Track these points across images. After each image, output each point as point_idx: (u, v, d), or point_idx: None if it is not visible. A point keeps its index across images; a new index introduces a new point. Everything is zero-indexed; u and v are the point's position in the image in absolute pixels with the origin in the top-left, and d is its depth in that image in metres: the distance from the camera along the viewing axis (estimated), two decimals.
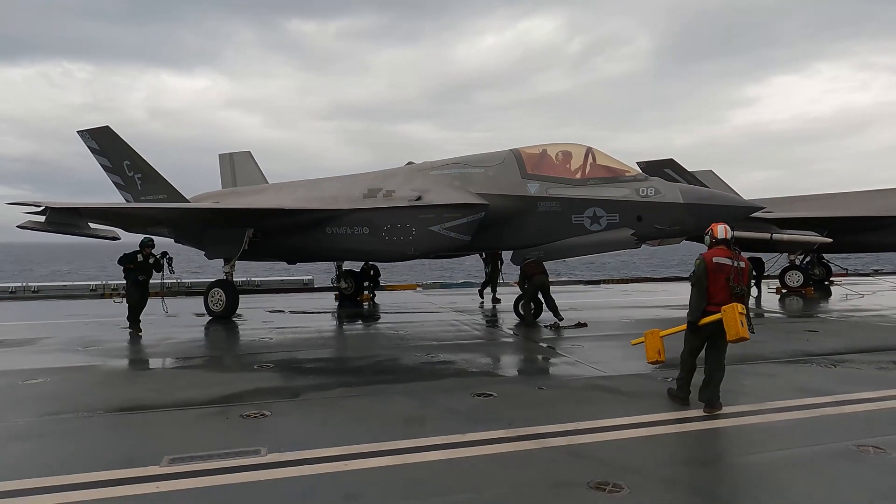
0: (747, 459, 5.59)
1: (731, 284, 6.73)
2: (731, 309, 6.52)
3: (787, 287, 21.88)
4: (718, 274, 6.79)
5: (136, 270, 13.21)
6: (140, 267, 13.23)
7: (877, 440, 5.85)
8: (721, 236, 7.04)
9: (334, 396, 7.79)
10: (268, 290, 24.73)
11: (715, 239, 7.06)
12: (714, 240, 7.06)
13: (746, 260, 7.04)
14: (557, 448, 5.76)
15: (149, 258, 13.37)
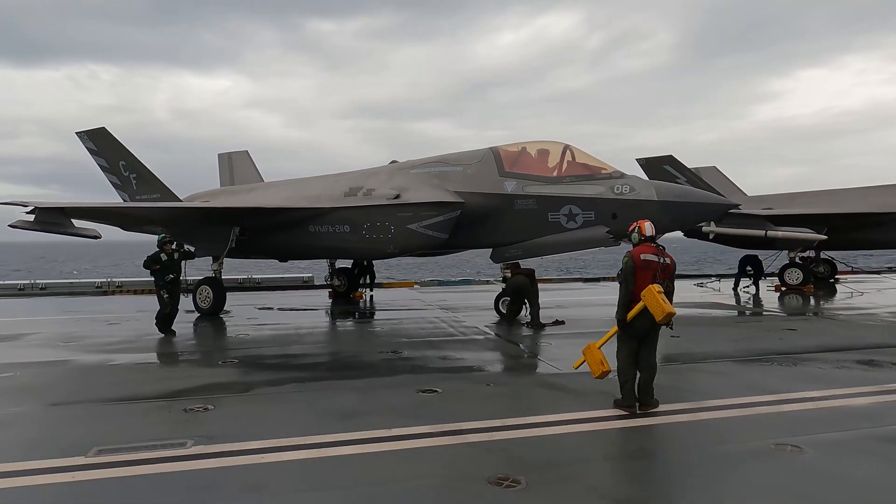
0: (659, 457, 5.64)
1: (657, 281, 6.75)
2: (649, 292, 6.55)
3: (786, 285, 21.59)
4: (646, 271, 6.80)
5: (164, 271, 12.62)
6: (166, 266, 12.65)
7: (798, 439, 5.83)
8: (648, 234, 7.05)
9: (283, 391, 7.98)
10: (268, 287, 25.15)
11: (643, 236, 7.07)
12: (641, 237, 7.07)
13: (672, 257, 7.03)
14: (476, 444, 5.86)
15: (173, 255, 12.80)
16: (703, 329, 13.14)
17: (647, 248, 6.95)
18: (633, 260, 6.86)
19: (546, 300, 17.98)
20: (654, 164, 25.56)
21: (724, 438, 5.99)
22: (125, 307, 17.69)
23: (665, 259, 6.88)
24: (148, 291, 22.72)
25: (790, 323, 13.76)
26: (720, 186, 27.58)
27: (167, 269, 12.63)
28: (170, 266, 12.69)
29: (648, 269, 6.80)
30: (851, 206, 21.53)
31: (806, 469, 5.19)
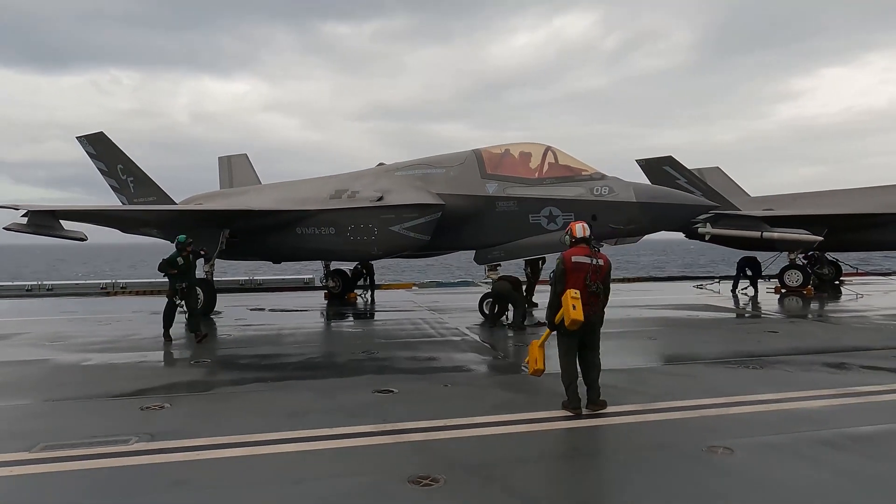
0: (588, 459, 5.68)
1: (588, 282, 6.75)
2: (565, 296, 6.62)
3: (786, 287, 21.29)
4: (577, 273, 6.81)
5: (179, 275, 12.08)
6: (182, 270, 12.12)
7: (733, 441, 5.82)
8: (580, 235, 7.05)
9: (242, 391, 8.14)
10: (268, 288, 25.44)
11: (574, 238, 7.08)
12: (573, 239, 7.08)
13: (606, 258, 7.02)
14: (412, 443, 5.94)
15: (189, 258, 12.28)
16: (683, 331, 13.07)
17: (578, 250, 6.96)
18: (563, 262, 6.88)
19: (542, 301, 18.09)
20: (653, 165, 25.38)
21: (661, 441, 6.00)
22: (122, 308, 18.04)
23: (598, 260, 6.88)
24: (150, 292, 23.24)
25: (775, 325, 13.61)
26: (723, 187, 27.32)
27: (183, 274, 12.17)
28: (186, 270, 12.24)
29: (579, 270, 6.80)
30: (853, 206, 21.17)
31: (726, 471, 5.19)
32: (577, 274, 6.83)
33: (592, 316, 6.82)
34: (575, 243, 7.07)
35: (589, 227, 7.18)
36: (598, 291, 6.80)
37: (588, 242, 7.07)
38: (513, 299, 13.76)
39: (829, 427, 6.30)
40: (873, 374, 8.62)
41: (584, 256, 6.90)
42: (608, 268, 6.99)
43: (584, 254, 6.93)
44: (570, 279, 6.85)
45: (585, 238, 7.06)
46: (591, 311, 6.80)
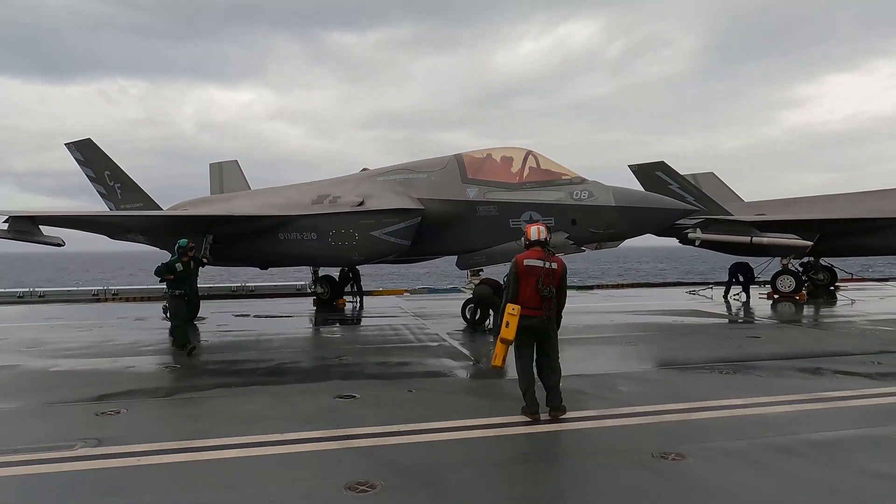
0: (535, 465, 5.53)
1: (540, 286, 6.63)
2: (506, 310, 6.62)
3: (778, 292, 21.09)
4: (529, 276, 6.70)
5: (177, 282, 11.35)
6: (181, 276, 11.38)
7: (686, 447, 5.69)
8: (534, 238, 6.95)
9: (203, 396, 8.04)
10: (260, 295, 25.37)
11: (528, 241, 6.98)
12: (528, 241, 6.98)
13: (561, 261, 6.89)
14: (358, 449, 5.83)
15: (189, 264, 11.58)
16: (664, 337, 12.90)
17: (532, 253, 6.85)
18: (515, 266, 6.78)
19: None
20: (645, 171, 25.26)
21: (614, 447, 5.87)
22: (108, 314, 17.97)
23: (551, 264, 6.75)
24: (141, 299, 23.21)
25: (760, 331, 13.45)
26: (717, 192, 27.18)
27: (181, 281, 11.43)
28: (184, 277, 11.51)
29: (532, 274, 6.70)
30: (844, 211, 20.97)
31: (671, 478, 5.06)
32: (529, 278, 6.72)
33: (546, 321, 6.70)
34: (529, 246, 6.97)
35: (546, 229, 7.07)
36: (550, 295, 6.66)
37: (543, 245, 6.96)
38: (493, 304, 13.62)
39: (789, 433, 6.15)
40: (846, 379, 8.47)
41: (537, 260, 6.79)
42: (562, 271, 6.86)
43: (536, 257, 6.82)
44: (522, 283, 6.76)
45: (540, 241, 6.95)
46: (545, 316, 6.69)
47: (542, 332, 6.75)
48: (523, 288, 6.75)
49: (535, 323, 6.72)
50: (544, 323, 6.70)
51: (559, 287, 6.84)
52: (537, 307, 6.70)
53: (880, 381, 8.28)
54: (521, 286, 6.77)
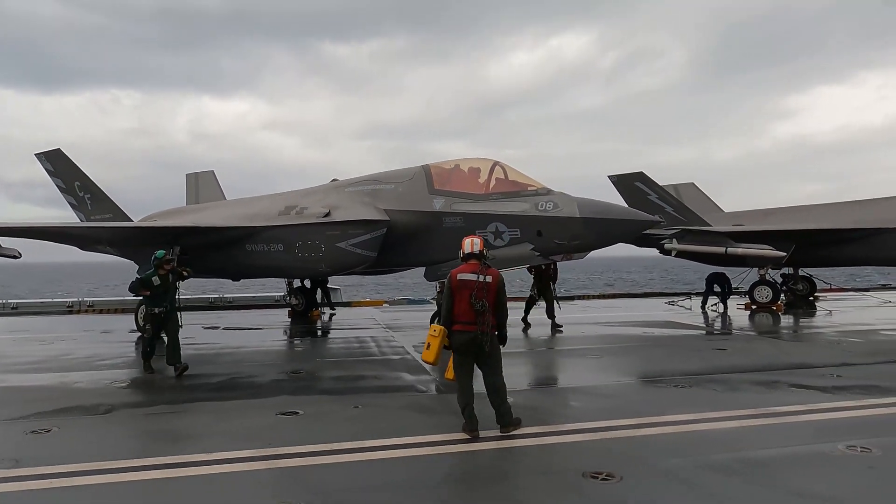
0: (455, 485, 5.39)
1: (473, 301, 6.50)
2: (431, 330, 6.59)
3: (756, 303, 21.06)
4: (463, 290, 6.59)
5: (155, 298, 10.37)
6: (158, 291, 10.37)
7: (618, 467, 5.54)
8: (468, 250, 6.84)
9: (142, 414, 7.85)
10: (238, 306, 25.12)
11: (464, 254, 6.86)
12: (463, 255, 6.87)
13: (496, 274, 6.75)
14: (282, 469, 5.67)
15: (167, 277, 10.52)
16: (631, 349, 12.77)
17: (466, 267, 6.75)
18: (449, 280, 6.68)
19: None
20: (625, 181, 25.29)
21: (546, 466, 5.73)
22: (76, 327, 17.70)
23: (486, 277, 6.63)
24: (116, 311, 22.90)
25: (728, 342, 13.35)
26: (697, 202, 27.23)
27: (159, 297, 10.39)
28: (163, 292, 10.43)
29: (465, 288, 6.58)
30: (821, 222, 20.99)
31: (597, 499, 4.92)
32: (462, 292, 6.60)
33: (481, 335, 6.55)
34: (465, 259, 6.86)
35: (482, 241, 6.96)
36: (482, 310, 6.52)
37: (479, 258, 6.84)
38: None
39: (730, 450, 6.02)
40: (801, 393, 8.35)
41: (471, 273, 6.67)
42: (498, 284, 6.71)
43: (470, 270, 6.70)
44: (456, 297, 6.65)
45: (475, 254, 6.83)
46: (480, 330, 6.54)
47: (479, 347, 6.59)
48: (458, 302, 6.64)
49: (470, 338, 6.59)
50: (479, 338, 6.55)
51: (496, 301, 6.69)
52: (472, 322, 6.57)
53: (834, 395, 8.18)
54: (455, 300, 6.66)
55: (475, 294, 6.56)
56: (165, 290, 10.56)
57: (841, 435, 6.44)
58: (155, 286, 10.40)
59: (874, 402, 7.79)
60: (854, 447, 6.03)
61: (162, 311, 10.48)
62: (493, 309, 6.67)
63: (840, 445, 6.08)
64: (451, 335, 6.71)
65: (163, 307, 10.48)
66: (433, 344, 6.59)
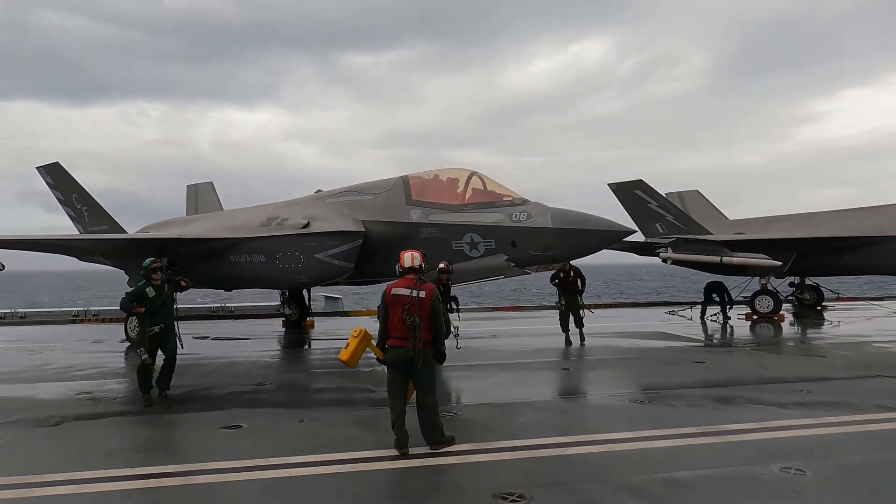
0: None
1: (405, 316, 6.42)
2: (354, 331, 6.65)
3: (757, 313, 20.57)
4: (396, 305, 6.52)
5: (150, 315, 8.73)
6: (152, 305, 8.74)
7: (532, 488, 5.40)
8: (407, 265, 6.77)
9: (88, 426, 7.87)
10: (239, 315, 25.32)
11: (401, 268, 6.79)
12: (401, 269, 6.80)
13: (431, 289, 6.65)
14: (191, 486, 5.65)
15: (162, 287, 8.95)
16: (607, 362, 12.51)
17: (402, 282, 6.69)
18: (384, 294, 6.63)
19: (483, 329, 17.65)
20: (624, 189, 24.98)
21: (462, 485, 5.65)
22: (71, 336, 17.96)
23: (419, 292, 6.54)
24: (118, 319, 23.25)
25: (709, 355, 13.02)
26: (701, 210, 26.81)
27: (156, 313, 8.78)
28: (159, 307, 8.83)
29: (398, 303, 6.52)
30: (823, 230, 20.47)
31: None
32: (395, 307, 6.54)
33: (412, 351, 6.47)
34: (402, 274, 6.80)
35: (421, 255, 6.89)
36: (413, 325, 6.44)
37: (417, 272, 6.78)
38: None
39: (656, 471, 5.84)
40: (757, 410, 8.08)
41: (404, 288, 6.61)
42: (431, 300, 6.60)
43: (405, 285, 6.64)
44: (390, 312, 6.59)
45: (413, 268, 6.77)
46: (412, 346, 6.46)
47: (410, 364, 6.52)
48: (391, 317, 6.59)
49: (402, 353, 6.52)
50: (409, 353, 6.48)
51: (429, 316, 6.60)
52: (404, 337, 6.50)
53: (792, 413, 7.90)
54: (389, 315, 6.61)
55: (407, 309, 6.49)
56: (162, 304, 8.88)
57: (781, 455, 6.20)
58: (150, 299, 8.73)
59: (831, 420, 7.51)
60: (789, 469, 5.80)
61: (160, 328, 8.86)
62: (428, 325, 6.60)
63: (775, 467, 5.86)
64: (386, 350, 6.67)
65: (160, 324, 8.85)
66: (351, 344, 6.54)
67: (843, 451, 6.39)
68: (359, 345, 6.62)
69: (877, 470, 5.83)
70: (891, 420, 7.48)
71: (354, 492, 5.54)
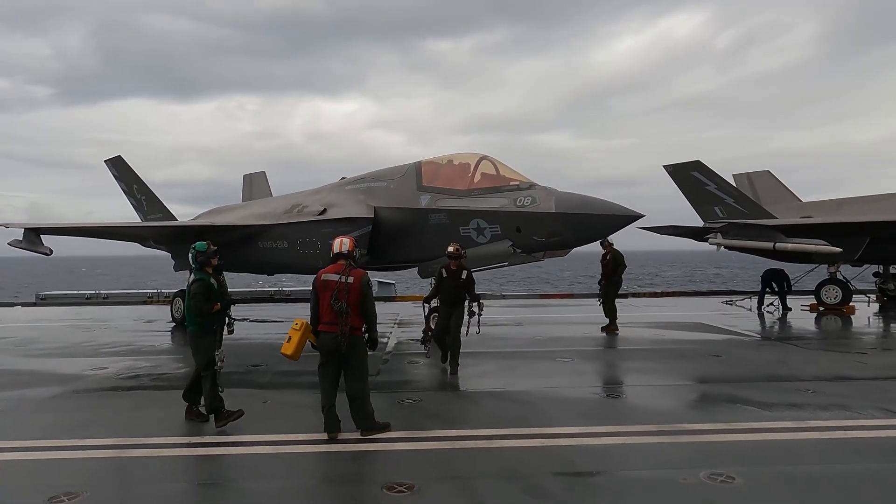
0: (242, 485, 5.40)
1: (333, 301, 6.42)
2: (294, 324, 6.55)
3: (823, 304, 18.88)
4: (325, 291, 6.56)
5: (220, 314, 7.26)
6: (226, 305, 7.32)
7: (425, 480, 5.31)
8: (336, 250, 6.75)
9: (75, 398, 8.51)
10: (296, 299, 26.38)
11: (333, 253, 6.78)
12: (332, 254, 6.79)
13: (360, 275, 6.62)
14: (126, 458, 5.98)
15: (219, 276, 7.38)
16: (612, 352, 11.92)
17: (332, 267, 6.71)
18: (314, 280, 6.68)
19: (514, 316, 17.36)
20: (681, 171, 23.50)
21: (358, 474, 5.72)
22: (134, 316, 19.38)
23: (348, 278, 6.53)
24: None
25: (731, 349, 11.97)
26: (772, 192, 24.85)
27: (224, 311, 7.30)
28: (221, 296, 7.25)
29: (327, 289, 6.56)
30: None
31: None
32: (324, 293, 6.59)
33: (340, 337, 6.49)
34: (333, 259, 6.82)
35: (350, 241, 6.88)
36: (341, 311, 6.45)
37: (348, 258, 6.78)
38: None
39: (573, 469, 5.54)
40: (728, 409, 7.47)
41: (333, 274, 6.64)
42: (360, 286, 6.59)
43: (334, 271, 6.67)
44: (320, 298, 6.65)
45: (342, 254, 6.78)
46: (341, 332, 6.47)
47: (337, 349, 6.54)
48: (321, 302, 6.65)
49: (330, 339, 6.57)
50: (338, 339, 6.50)
51: (359, 302, 6.60)
52: (333, 322, 6.54)
53: (768, 414, 7.20)
54: (319, 301, 6.67)
55: (335, 295, 6.53)
56: (222, 295, 7.31)
57: (719, 460, 5.69)
58: (217, 291, 7.16)
59: (795, 424, 6.76)
60: (719, 475, 5.32)
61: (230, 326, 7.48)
62: (358, 311, 6.60)
63: (704, 472, 5.38)
64: (317, 336, 6.73)
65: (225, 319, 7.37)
66: (293, 337, 6.60)
67: (791, 459, 5.76)
68: (301, 337, 6.69)
69: (813, 481, 5.22)
70: (870, 427, 6.64)
71: (255, 473, 5.67)
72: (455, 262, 10.45)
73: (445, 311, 10.43)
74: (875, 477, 5.33)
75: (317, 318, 6.68)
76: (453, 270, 10.44)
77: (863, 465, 5.60)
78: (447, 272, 10.47)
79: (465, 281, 10.39)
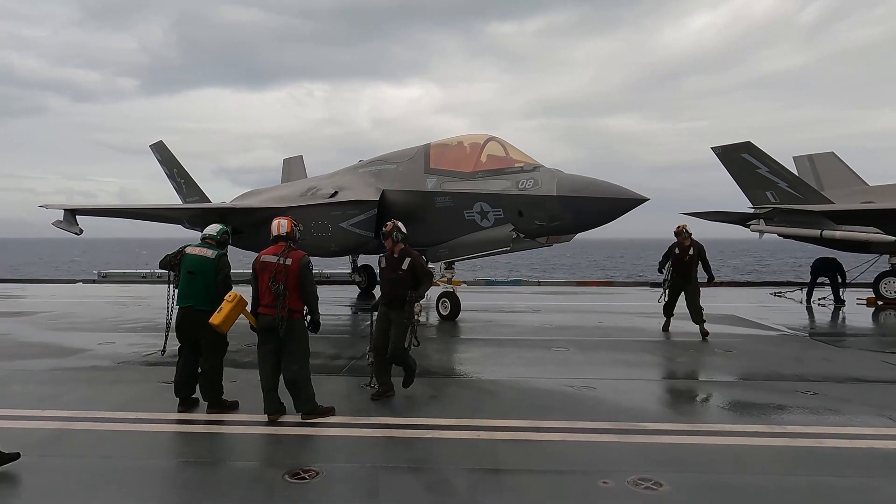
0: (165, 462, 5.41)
1: (270, 283, 6.37)
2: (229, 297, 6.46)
3: (882, 298, 17.29)
4: (263, 273, 6.51)
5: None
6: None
7: (333, 465, 5.16)
8: (275, 233, 6.66)
9: (59, 371, 8.85)
10: (333, 282, 26.83)
11: (272, 236, 6.68)
12: (272, 237, 6.68)
13: (298, 257, 6.51)
14: (59, 430, 6.16)
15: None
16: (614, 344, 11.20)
17: (271, 249, 6.67)
18: (254, 262, 6.62)
19: (535, 303, 16.88)
20: (730, 153, 21.95)
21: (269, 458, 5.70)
22: None
23: (286, 260, 6.44)
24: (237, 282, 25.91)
25: (747, 344, 11.02)
26: (835, 176, 22.89)
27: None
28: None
29: (265, 270, 6.52)
30: None
31: (273, 497, 4.68)
32: (263, 275, 6.55)
33: (279, 319, 6.41)
34: (273, 241, 6.74)
35: (289, 223, 6.78)
36: (278, 293, 6.37)
37: (288, 240, 6.69)
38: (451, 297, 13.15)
39: (494, 466, 5.24)
40: (703, 410, 6.87)
41: (272, 255, 6.57)
42: (299, 267, 6.51)
43: (272, 253, 6.59)
44: (259, 280, 6.61)
45: (280, 236, 6.69)
46: (279, 314, 6.40)
47: (275, 331, 6.47)
48: (260, 284, 6.62)
49: (268, 321, 6.52)
50: (275, 321, 6.44)
51: (298, 284, 6.51)
52: (271, 304, 6.48)
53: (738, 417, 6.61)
54: (258, 282, 6.63)
55: (273, 276, 6.46)
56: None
57: (657, 465, 5.22)
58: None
59: (774, 429, 6.11)
60: (645, 481, 4.87)
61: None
62: (297, 293, 6.52)
63: (630, 477, 4.95)
64: (256, 318, 6.70)
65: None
66: (224, 308, 6.48)
67: (737, 468, 5.18)
68: (232, 310, 6.64)
69: (746, 496, 4.65)
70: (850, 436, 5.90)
71: (181, 451, 5.70)
72: (396, 246, 7.41)
73: (384, 312, 7.46)
74: (823, 494, 4.72)
75: (256, 300, 6.64)
76: (394, 258, 7.41)
77: (817, 478, 4.98)
78: (386, 260, 7.53)
79: (407, 272, 7.28)
